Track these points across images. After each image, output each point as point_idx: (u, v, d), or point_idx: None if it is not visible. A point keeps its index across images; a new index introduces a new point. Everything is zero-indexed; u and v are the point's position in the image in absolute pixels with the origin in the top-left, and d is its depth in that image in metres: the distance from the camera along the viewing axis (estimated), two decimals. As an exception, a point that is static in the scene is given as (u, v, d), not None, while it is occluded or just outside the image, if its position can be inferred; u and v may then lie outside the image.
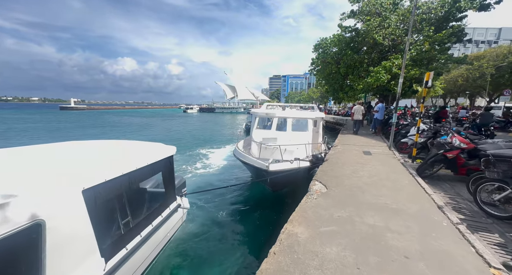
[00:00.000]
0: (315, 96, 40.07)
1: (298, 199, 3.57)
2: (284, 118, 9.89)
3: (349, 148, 7.93)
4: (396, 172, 5.12)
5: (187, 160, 11.78)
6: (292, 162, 6.51)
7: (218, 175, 9.59)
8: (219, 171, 10.17)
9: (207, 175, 9.56)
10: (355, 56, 13.55)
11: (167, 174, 3.78)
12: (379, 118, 10.77)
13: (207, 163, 11.52)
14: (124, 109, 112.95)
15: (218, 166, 10.83)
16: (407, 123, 9.81)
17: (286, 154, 7.71)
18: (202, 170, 10.20)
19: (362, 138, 10.20)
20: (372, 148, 7.99)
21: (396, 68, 10.49)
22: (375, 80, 10.76)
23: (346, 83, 15.55)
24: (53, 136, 19.65)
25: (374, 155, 6.77)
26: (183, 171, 9.89)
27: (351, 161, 5.96)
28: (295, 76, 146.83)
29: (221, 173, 9.91)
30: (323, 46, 16.20)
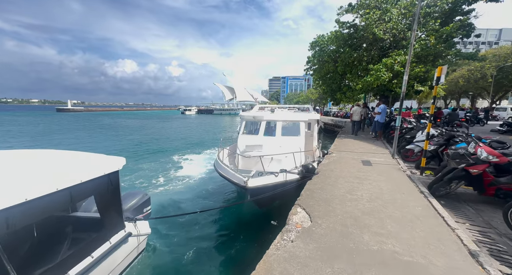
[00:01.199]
0: (314, 97, 39.06)
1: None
2: (273, 121, 8.84)
3: (346, 155, 6.84)
4: (404, 190, 4.03)
5: (166, 168, 10.59)
6: (277, 175, 5.43)
7: (199, 188, 8.22)
8: (201, 183, 8.72)
9: (184, 188, 8.21)
10: (353, 53, 12.53)
11: (107, 196, 2.77)
12: (381, 121, 9.70)
13: (189, 172, 10.09)
14: (122, 111, 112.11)
15: (202, 176, 9.52)
16: (412, 126, 8.74)
17: (273, 164, 6.65)
18: (180, 182, 8.76)
19: (362, 143, 9.11)
20: (373, 155, 6.91)
21: (399, 66, 9.44)
22: (375, 79, 9.71)
23: (344, 83, 14.52)
24: (26, 141, 18.55)
25: (375, 166, 5.69)
26: (154, 184, 8.61)
27: (347, 174, 4.88)
28: (294, 78, 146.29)
29: (204, 185, 8.52)
30: (320, 43, 15.20)
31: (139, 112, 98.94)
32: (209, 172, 9.79)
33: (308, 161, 8.25)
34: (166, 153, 14.01)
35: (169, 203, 6.70)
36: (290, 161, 6.35)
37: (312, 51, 15.56)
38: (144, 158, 12.76)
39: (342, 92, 13.90)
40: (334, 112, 32.18)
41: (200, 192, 7.65)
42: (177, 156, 13.16)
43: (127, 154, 13.64)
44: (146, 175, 9.55)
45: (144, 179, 9.09)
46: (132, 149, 15.50)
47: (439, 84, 5.10)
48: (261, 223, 5.36)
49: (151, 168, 10.65)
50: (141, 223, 3.83)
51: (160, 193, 7.55)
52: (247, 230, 5.31)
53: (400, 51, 9.76)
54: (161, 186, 8.27)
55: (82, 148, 15.26)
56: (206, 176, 9.50)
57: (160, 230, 5.03)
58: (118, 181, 3.06)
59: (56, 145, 16.26)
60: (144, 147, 16.27)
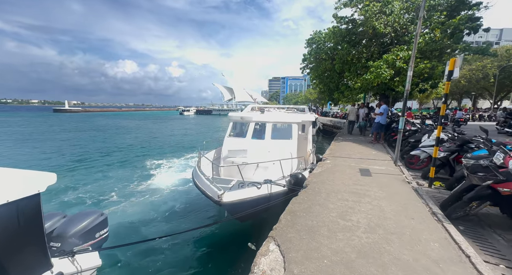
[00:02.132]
0: (312, 97, 38.17)
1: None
2: (262, 122, 8.00)
3: (342, 162, 5.99)
4: (412, 213, 3.18)
5: (139, 177, 9.35)
6: (260, 186, 4.58)
7: (174, 202, 7.00)
8: (177, 195, 7.47)
9: (156, 202, 6.98)
10: (351, 50, 11.70)
11: (17, 231, 1.93)
12: (382, 123, 8.84)
13: (166, 181, 8.79)
14: (120, 111, 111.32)
15: (180, 187, 8.23)
16: (416, 129, 7.89)
17: (259, 172, 5.82)
18: (151, 195, 7.47)
19: (360, 147, 8.26)
20: (372, 162, 6.06)
21: (401, 62, 8.60)
22: (376, 77, 8.87)
23: (342, 81, 13.68)
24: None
25: (375, 176, 4.84)
26: (117, 198, 7.30)
27: (341, 188, 4.03)
28: (294, 78, 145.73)
29: (180, 198, 7.28)
30: (317, 40, 14.38)
31: (137, 113, 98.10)
32: (188, 181, 8.72)
33: (300, 167, 7.41)
34: (146, 158, 12.79)
35: (133, 222, 5.70)
36: (279, 168, 5.52)
37: (308, 49, 14.74)
38: (117, 164, 11.48)
39: (340, 92, 13.05)
40: (333, 113, 31.34)
41: (174, 207, 6.59)
42: (156, 161, 11.91)
43: (98, 159, 12.50)
44: (110, 187, 8.28)
45: (106, 191, 7.81)
46: (107, 152, 14.31)
47: (451, 79, 4.25)
48: (240, 243, 4.50)
49: (121, 177, 9.50)
50: (84, 255, 2.96)
51: (123, 211, 6.43)
52: (222, 253, 4.46)
53: (403, 47, 8.92)
54: (126, 201, 7.09)
55: (53, 150, 14.44)
56: (183, 187, 8.26)
57: (118, 258, 4.16)
58: (39, 207, 2.21)
59: (31, 149, 15.38)
60: (123, 150, 15.03)
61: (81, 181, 8.86)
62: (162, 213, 6.26)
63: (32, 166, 11.01)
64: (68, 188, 7.95)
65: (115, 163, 11.68)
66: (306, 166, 6.26)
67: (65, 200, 7.03)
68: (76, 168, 10.65)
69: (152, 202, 7.03)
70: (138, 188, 8.20)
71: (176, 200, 7.15)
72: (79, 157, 12.76)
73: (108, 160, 12.43)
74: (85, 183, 8.63)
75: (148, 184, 8.56)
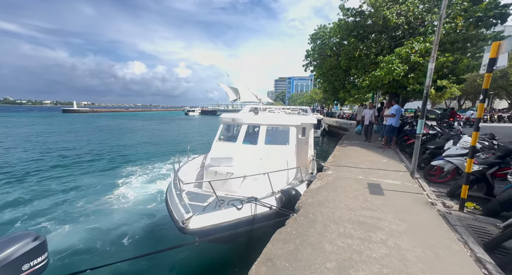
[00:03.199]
0: (318, 97, 36.83)
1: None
2: (255, 125, 7.08)
3: (346, 174, 4.97)
4: (448, 263, 2.16)
5: (113, 186, 8.28)
6: (241, 207, 3.65)
7: (140, 220, 5.93)
8: (147, 213, 6.31)
9: (117, 220, 5.91)
10: (359, 44, 10.61)
11: None
12: (395, 126, 7.73)
13: (137, 195, 7.54)
14: (127, 112, 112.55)
15: (151, 202, 7.07)
16: (435, 132, 6.75)
17: (247, 185, 4.89)
18: (120, 211, 6.45)
19: (369, 154, 7.18)
20: (384, 174, 5.01)
21: (417, 55, 7.48)
22: (387, 73, 7.77)
23: (348, 80, 12.58)
24: None
25: (389, 195, 3.81)
26: (72, 215, 6.17)
27: (344, 215, 3.03)
28: (300, 78, 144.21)
29: (148, 216, 6.16)
30: (322, 36, 13.33)
31: (143, 113, 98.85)
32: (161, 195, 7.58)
33: (298, 177, 6.44)
34: (129, 163, 11.66)
35: (84, 245, 4.80)
36: (272, 179, 4.59)
37: (312, 45, 13.70)
38: (91, 170, 10.40)
39: (346, 91, 11.96)
40: (340, 114, 30.01)
41: (138, 226, 5.63)
42: (137, 168, 10.70)
43: (73, 164, 11.37)
44: (72, 199, 7.19)
45: (59, 207, 6.67)
46: (89, 157, 13.19)
47: (493, 70, 3.19)
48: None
49: (88, 185, 8.43)
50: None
51: (74, 231, 5.37)
52: None
53: (419, 38, 7.78)
54: (81, 219, 5.98)
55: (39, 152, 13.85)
56: (154, 203, 7.03)
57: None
58: None
59: (27, 148, 14.93)
60: (109, 154, 13.97)
61: (34, 192, 7.71)
62: (123, 233, 5.35)
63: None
64: (13, 203, 6.88)
65: (90, 170, 10.56)
66: (304, 179, 5.28)
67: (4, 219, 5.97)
68: (39, 175, 9.47)
69: (117, 218, 6.03)
70: (104, 200, 7.14)
71: (144, 216, 6.12)
72: (54, 162, 11.62)
73: (84, 166, 11.26)
74: (39, 195, 7.52)
75: (117, 196, 7.44)
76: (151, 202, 7.04)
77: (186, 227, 3.10)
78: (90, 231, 5.40)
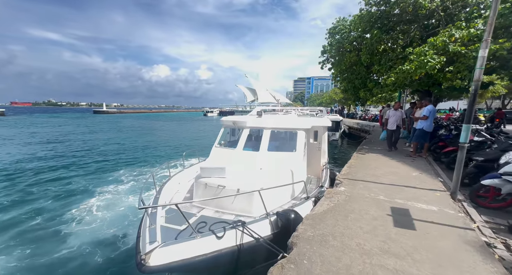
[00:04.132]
0: (338, 97, 34.76)
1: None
2: (258, 129, 6.32)
3: (363, 192, 3.94)
4: None
5: (86, 194, 7.43)
6: (222, 235, 2.89)
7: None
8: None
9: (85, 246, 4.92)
10: (383, 36, 9.29)
11: None
12: (428, 130, 6.42)
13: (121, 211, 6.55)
14: (150, 112, 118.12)
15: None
16: (482, 140, 5.37)
17: (240, 201, 4.14)
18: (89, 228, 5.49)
19: (393, 163, 5.98)
20: (414, 194, 3.89)
21: (458, 44, 6.10)
22: (418, 67, 6.49)
23: (370, 77, 11.21)
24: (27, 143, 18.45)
25: (423, 229, 2.76)
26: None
27: (354, 263, 2.10)
28: (320, 78, 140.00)
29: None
30: (341, 29, 12.10)
31: (165, 114, 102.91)
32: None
33: (308, 189, 5.53)
34: (126, 166, 11.10)
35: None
36: (275, 193, 3.81)
37: (330, 40, 12.51)
38: (76, 174, 9.69)
39: (367, 89, 10.63)
40: (361, 115, 27.90)
41: (94, 266, 4.49)
42: (127, 172, 9.91)
43: (71, 166, 10.94)
44: (22, 216, 6.19)
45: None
46: (87, 156, 13.03)
47: None
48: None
49: (57, 194, 7.55)
50: None
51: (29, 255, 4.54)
52: None
53: (459, 23, 6.37)
54: (17, 251, 4.81)
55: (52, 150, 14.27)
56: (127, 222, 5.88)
57: None
58: None
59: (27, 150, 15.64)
60: (111, 154, 13.69)
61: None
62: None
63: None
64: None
65: (76, 173, 9.87)
66: (310, 194, 4.36)
67: None
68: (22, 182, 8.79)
69: (69, 246, 4.94)
70: (66, 216, 6.19)
71: (108, 245, 4.99)
72: (40, 164, 11.22)
73: (73, 168, 10.79)
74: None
75: (83, 210, 6.49)
76: (123, 222, 5.77)
77: (144, 263, 2.40)
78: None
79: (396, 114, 7.22)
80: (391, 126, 7.22)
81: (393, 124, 7.22)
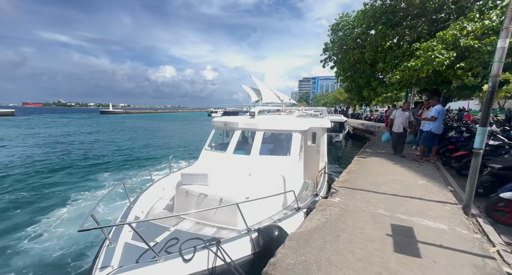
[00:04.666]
0: (342, 97, 33.91)
1: None
2: (250, 130, 5.91)
3: (360, 205, 3.45)
4: None
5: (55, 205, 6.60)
6: (190, 258, 2.48)
7: None
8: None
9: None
10: (389, 32, 8.72)
11: None
12: (436, 133, 5.84)
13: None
14: (155, 113, 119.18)
15: None
16: (499, 143, 4.78)
17: (222, 213, 3.74)
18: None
19: (397, 169, 5.45)
20: (420, 207, 3.38)
21: (470, 38, 5.52)
22: (425, 63, 5.93)
23: (374, 76, 10.63)
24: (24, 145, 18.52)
25: (430, 256, 2.27)
26: None
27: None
28: (325, 78, 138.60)
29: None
30: (344, 26, 11.55)
31: (170, 114, 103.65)
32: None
33: (303, 195, 5.13)
34: (112, 170, 10.48)
35: None
36: (258, 205, 3.41)
37: (332, 36, 11.97)
38: (52, 181, 8.78)
39: (371, 89, 10.06)
40: (367, 115, 27.07)
41: None
42: (110, 176, 9.22)
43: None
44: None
45: None
46: (79, 158, 12.59)
47: None
48: None
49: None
50: None
51: None
52: None
53: (472, 14, 5.78)
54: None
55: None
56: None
57: None
58: None
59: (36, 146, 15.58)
60: (103, 156, 13.17)
61: None
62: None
63: None
64: None
65: (53, 180, 8.98)
66: (301, 205, 3.92)
67: None
68: None
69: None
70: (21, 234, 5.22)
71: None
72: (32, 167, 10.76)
73: (58, 172, 10.08)
74: None
75: (48, 224, 5.56)
76: (86, 239, 4.89)
77: None
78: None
79: (403, 115, 6.62)
80: (397, 128, 6.62)
81: (399, 126, 6.61)
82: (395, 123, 6.57)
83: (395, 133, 6.62)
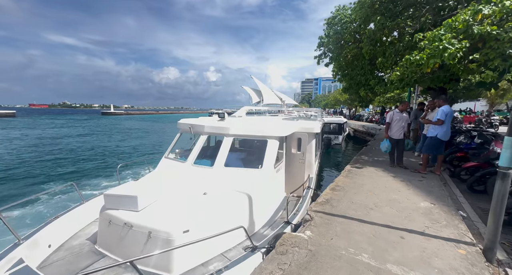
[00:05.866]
0: (343, 98, 32.71)
1: None
2: (217, 135, 5.02)
3: (337, 244, 2.46)
4: None
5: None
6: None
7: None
8: None
9: None
10: (388, 23, 7.71)
11: None
12: (442, 139, 4.82)
13: None
14: (157, 114, 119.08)
15: None
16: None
17: (149, 252, 2.74)
18: None
19: (394, 184, 4.43)
20: (420, 253, 2.38)
21: (486, 24, 4.50)
22: (431, 56, 4.92)
23: (373, 73, 9.61)
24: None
25: None
26: None
27: None
28: (328, 79, 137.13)
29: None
30: (341, 19, 10.55)
31: (170, 115, 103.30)
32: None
33: (278, 217, 4.22)
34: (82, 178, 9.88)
35: None
36: (203, 241, 2.43)
37: (327, 30, 10.97)
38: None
39: (369, 88, 9.05)
40: (367, 116, 25.90)
41: None
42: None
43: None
44: None
45: None
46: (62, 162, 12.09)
47: None
48: None
49: None
50: None
51: None
52: None
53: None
54: None
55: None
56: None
57: None
58: None
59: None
60: (82, 161, 12.71)
61: None
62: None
63: None
64: None
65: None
66: (257, 244, 2.93)
67: None
68: None
69: None
70: None
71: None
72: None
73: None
74: None
75: None
76: None
77: None
78: None
79: (403, 118, 5.59)
80: (396, 134, 5.56)
81: (399, 131, 5.56)
82: (394, 128, 5.54)
83: (393, 139, 5.57)
